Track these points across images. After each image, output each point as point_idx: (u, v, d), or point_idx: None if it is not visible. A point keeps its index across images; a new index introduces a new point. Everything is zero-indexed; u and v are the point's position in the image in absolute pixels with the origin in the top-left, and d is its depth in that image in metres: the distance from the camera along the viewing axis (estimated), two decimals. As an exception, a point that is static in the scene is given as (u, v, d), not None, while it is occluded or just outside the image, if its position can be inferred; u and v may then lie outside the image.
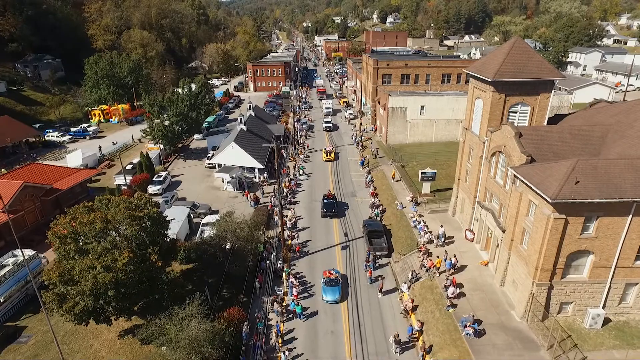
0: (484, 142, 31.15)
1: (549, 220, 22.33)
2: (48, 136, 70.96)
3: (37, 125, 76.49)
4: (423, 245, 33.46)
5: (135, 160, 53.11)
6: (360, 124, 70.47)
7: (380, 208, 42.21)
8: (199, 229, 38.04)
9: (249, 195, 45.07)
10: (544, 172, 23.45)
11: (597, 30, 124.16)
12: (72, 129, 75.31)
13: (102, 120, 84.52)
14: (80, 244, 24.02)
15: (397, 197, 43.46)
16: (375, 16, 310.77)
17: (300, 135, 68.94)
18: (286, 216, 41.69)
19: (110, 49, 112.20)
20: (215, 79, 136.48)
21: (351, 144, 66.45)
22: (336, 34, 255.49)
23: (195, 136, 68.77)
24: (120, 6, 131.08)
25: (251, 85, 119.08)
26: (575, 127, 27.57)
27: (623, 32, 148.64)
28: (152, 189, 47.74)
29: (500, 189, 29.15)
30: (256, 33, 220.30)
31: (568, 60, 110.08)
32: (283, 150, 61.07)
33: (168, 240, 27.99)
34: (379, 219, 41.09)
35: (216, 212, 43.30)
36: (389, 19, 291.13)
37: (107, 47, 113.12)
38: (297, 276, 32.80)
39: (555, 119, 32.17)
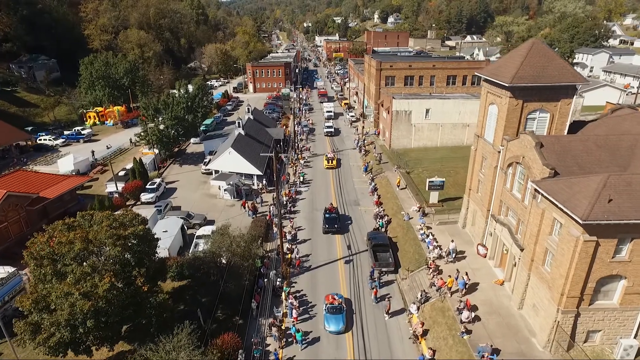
0: (499, 152, 28.86)
1: (578, 243, 20.05)
2: (40, 139, 68.66)
3: (30, 128, 74.26)
4: (432, 261, 31.19)
5: (129, 166, 50.81)
6: (363, 127, 68.20)
7: (385, 219, 39.92)
8: (193, 242, 35.78)
9: (246, 205, 42.76)
10: (571, 188, 21.16)
11: (603, 30, 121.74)
12: (66, 132, 73.04)
13: (97, 122, 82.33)
14: (59, 266, 21.74)
15: (403, 207, 41.17)
16: (376, 16, 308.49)
17: (301, 139, 66.66)
18: (285, 226, 39.49)
19: (107, 50, 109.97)
20: (214, 80, 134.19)
21: (353, 148, 64.17)
22: (337, 34, 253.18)
23: (192, 140, 66.46)
24: (118, 6, 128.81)
25: (251, 87, 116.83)
26: (601, 136, 25.27)
27: (629, 33, 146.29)
28: (145, 197, 45.46)
29: (517, 203, 26.86)
30: (256, 33, 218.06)
31: (574, 61, 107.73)
32: (283, 156, 58.79)
33: (157, 259, 25.67)
34: (383, 229, 38.81)
35: (212, 222, 41.07)
36: (390, 19, 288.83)
37: (103, 48, 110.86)
38: (298, 295, 30.50)
39: (574, 127, 29.89)
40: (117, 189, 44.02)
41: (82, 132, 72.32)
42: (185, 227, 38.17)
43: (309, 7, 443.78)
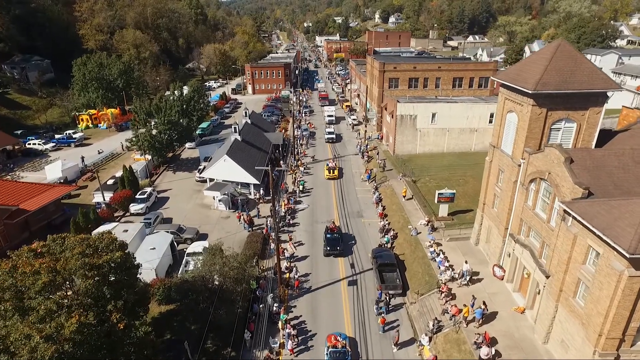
0: (519, 165, 26.05)
1: (622, 278, 17.25)
2: (29, 144, 65.89)
3: (19, 132, 71.55)
4: (444, 284, 28.39)
5: (118, 173, 47.99)
6: (365, 131, 65.39)
7: (391, 233, 37.08)
8: (184, 260, 32.99)
9: (241, 218, 39.86)
10: (611, 213, 18.37)
11: (611, 30, 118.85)
12: (57, 136, 70.23)
13: (90, 125, 79.52)
14: (25, 300, 18.95)
15: (410, 220, 38.35)
16: (377, 16, 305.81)
17: (301, 144, 63.84)
18: (284, 242, 36.73)
19: (103, 50, 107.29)
20: (213, 81, 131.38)
21: (355, 153, 61.33)
22: (337, 34, 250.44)
23: (187, 145, 63.63)
24: (114, 5, 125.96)
25: (250, 88, 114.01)
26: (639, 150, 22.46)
27: (636, 33, 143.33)
28: (134, 207, 42.67)
29: (542, 223, 24.04)
30: (256, 33, 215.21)
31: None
32: (282, 162, 56.00)
33: (139, 287, 22.85)
34: (389, 245, 36.00)
35: (205, 236, 38.31)
36: (391, 19, 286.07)
37: (98, 48, 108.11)
38: (296, 322, 27.71)
39: (600, 137, 27.03)
40: (103, 199, 41.14)
41: (74, 135, 69.51)
42: (175, 244, 35.31)
43: (310, 7, 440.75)
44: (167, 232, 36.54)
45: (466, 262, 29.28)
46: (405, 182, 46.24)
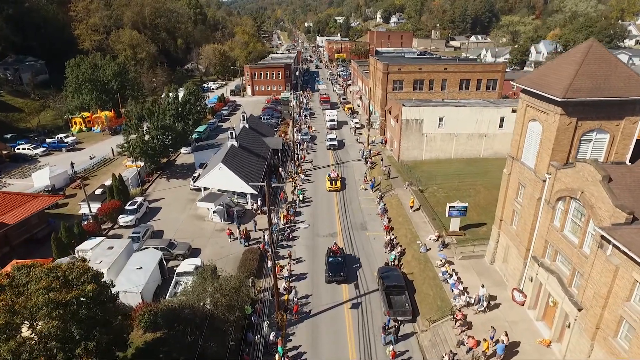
0: (544, 181, 23.33)
1: (681, 324, 14.53)
2: (18, 149, 63.28)
3: (9, 136, 68.99)
4: (459, 310, 25.67)
5: (108, 182, 45.31)
6: (368, 135, 62.63)
7: (398, 249, 34.33)
8: (173, 279, 30.33)
9: (231, 235, 37.03)
10: (664, 244, 15.64)
11: (619, 30, 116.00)
12: (48, 140, 67.60)
13: (84, 129, 76.93)
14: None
15: (419, 234, 35.64)
16: (378, 16, 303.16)
17: (302, 149, 61.12)
18: (284, 257, 34.11)
19: (98, 50, 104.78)
20: (211, 82, 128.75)
21: (358, 159, 58.61)
22: (338, 35, 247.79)
23: (183, 149, 60.96)
24: (111, 5, 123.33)
25: (249, 89, 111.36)
26: (686, 167, 19.74)
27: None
28: (123, 219, 40.01)
29: (572, 248, 21.31)
30: (256, 33, 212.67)
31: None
32: (281, 169, 53.34)
33: (116, 323, 20.16)
34: (396, 262, 33.28)
35: (197, 252, 35.66)
36: (393, 19, 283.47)
37: (94, 48, 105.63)
38: (295, 352, 25.02)
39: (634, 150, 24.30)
40: (90, 211, 38.43)
41: (65, 140, 66.87)
42: (165, 261, 32.59)
43: (310, 7, 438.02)
44: (157, 247, 33.86)
45: (482, 285, 26.55)
46: (411, 191, 43.52)
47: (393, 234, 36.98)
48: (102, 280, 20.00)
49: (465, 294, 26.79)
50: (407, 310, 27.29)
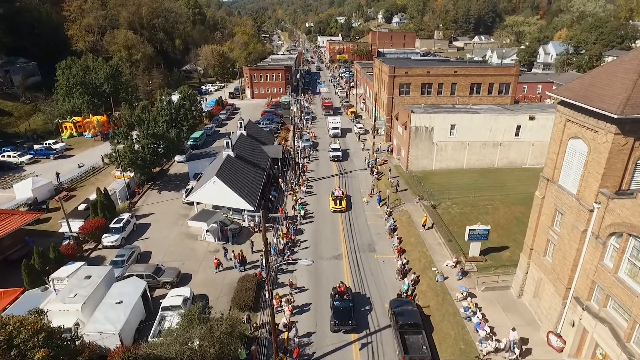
0: (592, 211, 19.72)
1: None
2: (3, 156, 59.72)
3: (-5, 142, 65.57)
4: (485, 357, 22.06)
5: (93, 196, 41.70)
6: (373, 142, 59.04)
7: (412, 277, 30.70)
8: (158, 314, 26.76)
9: (218, 267, 33.03)
10: None
11: (631, 30, 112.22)
12: (36, 147, 64.04)
13: (75, 134, 73.41)
14: None
15: (433, 258, 32.04)
16: (380, 16, 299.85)
17: (303, 157, 57.51)
18: (284, 284, 30.49)
19: (93, 51, 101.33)
20: (210, 84, 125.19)
21: (363, 168, 55.01)
22: (340, 35, 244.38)
23: (177, 158, 57.28)
24: (107, 4, 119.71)
25: (248, 92, 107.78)
26: None
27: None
28: (107, 239, 36.42)
29: (632, 297, 17.70)
30: (256, 33, 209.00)
31: (603, 64, 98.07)
32: (280, 180, 49.77)
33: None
34: (409, 292, 29.67)
35: (188, 278, 32.11)
36: (395, 19, 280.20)
37: (88, 49, 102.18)
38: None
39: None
40: (70, 230, 34.77)
41: (53, 146, 63.32)
42: (150, 292, 28.97)
43: (311, 7, 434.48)
44: (142, 275, 30.27)
45: (514, 329, 22.92)
46: (423, 207, 39.92)
47: (405, 258, 33.36)
48: (64, 336, 16.43)
49: (493, 338, 23.17)
50: (425, 355, 23.64)
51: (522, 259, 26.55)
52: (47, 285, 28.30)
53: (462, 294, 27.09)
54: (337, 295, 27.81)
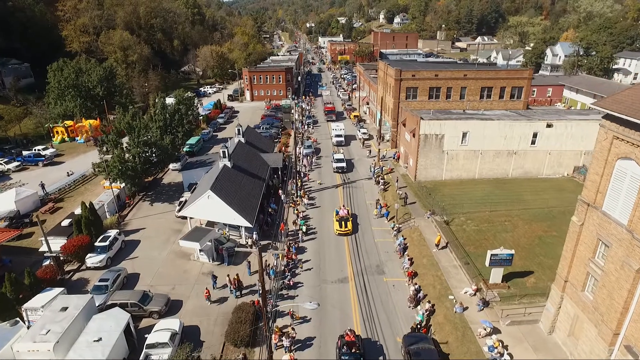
0: (649, 246, 16.66)
1: None
2: (-11, 163, 56.77)
3: (-20, 149, 62.56)
4: (519, 412, 18.97)
5: (78, 210, 38.56)
6: (379, 150, 55.90)
7: (427, 306, 27.62)
8: (143, 353, 23.71)
9: (209, 296, 29.45)
10: None
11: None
12: (24, 153, 61.01)
13: (67, 139, 70.42)
14: None
15: (450, 284, 28.96)
16: (381, 16, 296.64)
17: (304, 166, 54.42)
18: (284, 313, 27.41)
19: (88, 52, 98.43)
20: (208, 86, 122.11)
21: (368, 177, 51.94)
22: (341, 35, 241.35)
23: (172, 165, 54.24)
24: (103, 4, 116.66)
25: (248, 94, 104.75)
26: None
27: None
28: (91, 260, 33.32)
29: None
30: (256, 34, 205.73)
31: (615, 67, 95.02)
32: (281, 191, 46.71)
33: None
34: (423, 324, 26.58)
35: (178, 305, 29.06)
36: (397, 20, 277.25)
37: (83, 50, 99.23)
38: None
39: None
40: (50, 251, 31.66)
41: (43, 152, 60.29)
42: (133, 325, 25.86)
43: (312, 7, 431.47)
44: (127, 304, 27.23)
45: (550, 377, 19.87)
46: (435, 222, 36.85)
47: (417, 283, 30.28)
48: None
49: (526, 387, 20.12)
50: (447, 406, 20.61)
51: (554, 291, 23.46)
52: (17, 319, 25.21)
53: (485, 329, 24.00)
54: (345, 347, 23.58)
